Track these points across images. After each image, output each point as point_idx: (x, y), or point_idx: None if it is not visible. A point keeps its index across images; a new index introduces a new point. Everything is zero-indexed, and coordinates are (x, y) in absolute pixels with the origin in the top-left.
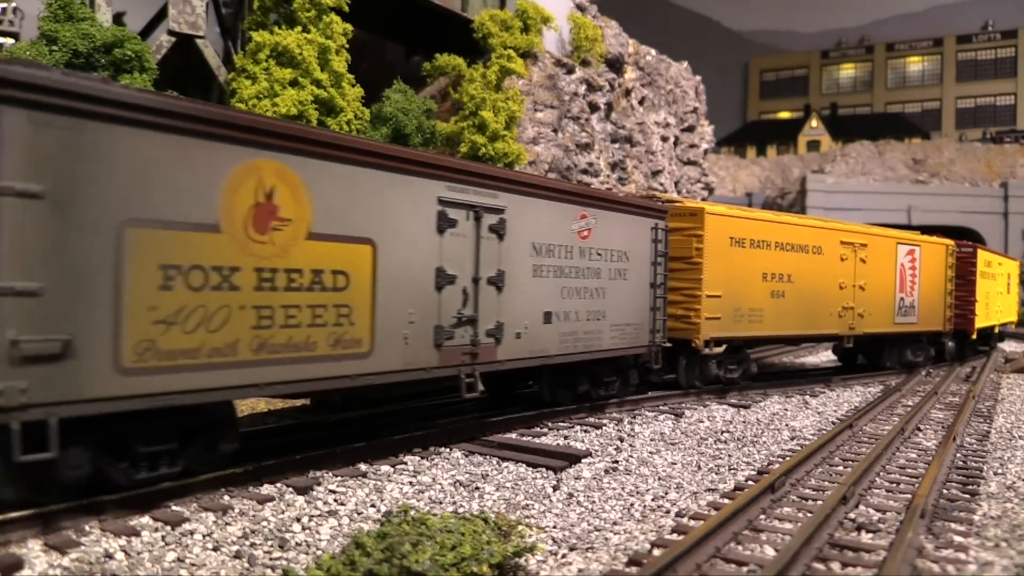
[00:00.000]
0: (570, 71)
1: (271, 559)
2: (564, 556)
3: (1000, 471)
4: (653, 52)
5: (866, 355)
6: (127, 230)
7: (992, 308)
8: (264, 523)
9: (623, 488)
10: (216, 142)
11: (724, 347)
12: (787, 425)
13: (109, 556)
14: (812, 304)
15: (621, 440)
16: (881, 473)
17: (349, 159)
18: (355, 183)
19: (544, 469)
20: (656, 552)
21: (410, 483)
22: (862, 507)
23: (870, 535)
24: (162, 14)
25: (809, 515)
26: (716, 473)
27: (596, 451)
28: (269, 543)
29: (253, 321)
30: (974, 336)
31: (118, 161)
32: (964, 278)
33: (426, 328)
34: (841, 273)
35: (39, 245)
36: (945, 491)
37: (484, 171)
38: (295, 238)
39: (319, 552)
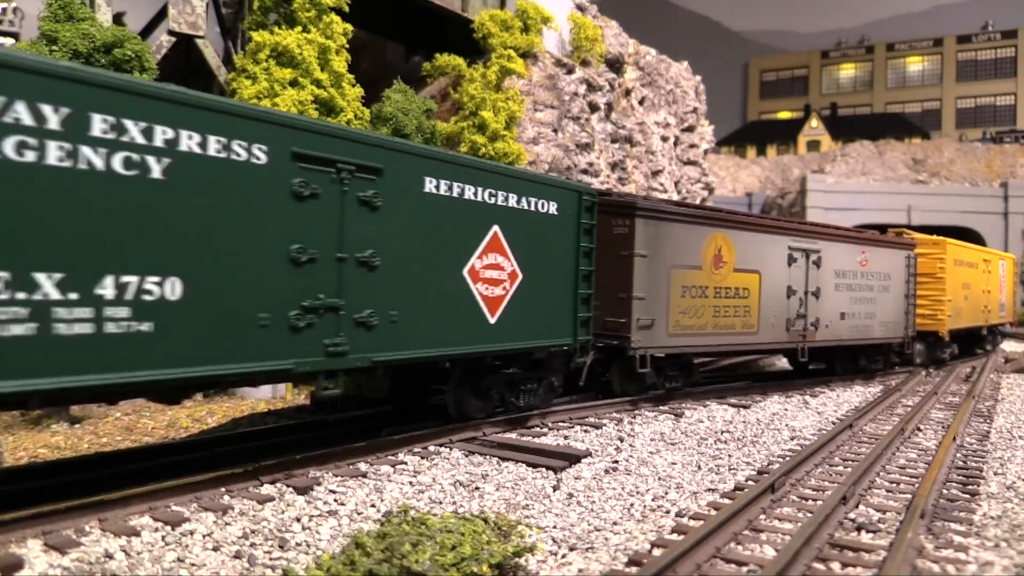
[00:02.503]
0: (570, 71)
1: (271, 559)
2: (564, 556)
3: (1000, 471)
4: (653, 52)
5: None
6: (672, 270)
7: None
8: (264, 523)
9: (623, 488)
10: (700, 225)
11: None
12: (787, 425)
13: (109, 556)
14: (976, 304)
15: (621, 440)
16: (881, 473)
17: (752, 228)
18: (753, 240)
19: (544, 469)
20: (656, 552)
21: (410, 483)
22: (862, 507)
23: (870, 535)
24: (162, 14)
25: (809, 515)
26: (716, 473)
27: (596, 451)
28: (269, 543)
29: (712, 313)
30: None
31: (668, 238)
32: (1016, 283)
33: (781, 320)
34: (983, 282)
35: (644, 277)
36: (945, 491)
37: (811, 229)
38: (728, 271)
39: (319, 552)
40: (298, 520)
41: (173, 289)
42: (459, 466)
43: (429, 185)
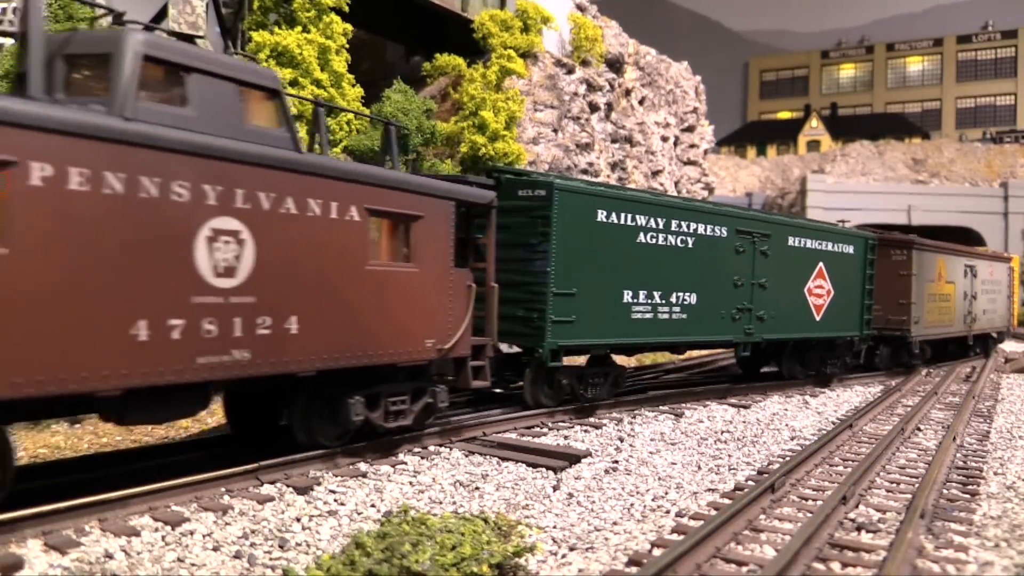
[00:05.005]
0: (570, 71)
1: (271, 559)
2: (564, 556)
3: (1000, 471)
4: (653, 52)
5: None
6: (925, 283)
7: None
8: (264, 523)
9: (623, 488)
10: (935, 253)
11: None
12: (787, 425)
13: (109, 556)
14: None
15: (621, 440)
16: (881, 473)
17: (952, 253)
18: (952, 261)
19: (544, 469)
20: (656, 552)
21: (410, 483)
22: (862, 507)
23: (870, 535)
24: (162, 14)
25: (809, 515)
26: (716, 473)
27: (596, 451)
28: (269, 543)
29: (936, 312)
30: None
31: (924, 262)
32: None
33: (961, 315)
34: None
35: (916, 289)
36: (945, 491)
37: (973, 252)
38: (943, 283)
39: (319, 552)
40: (298, 520)
41: (693, 298)
42: (459, 466)
43: (791, 241)
